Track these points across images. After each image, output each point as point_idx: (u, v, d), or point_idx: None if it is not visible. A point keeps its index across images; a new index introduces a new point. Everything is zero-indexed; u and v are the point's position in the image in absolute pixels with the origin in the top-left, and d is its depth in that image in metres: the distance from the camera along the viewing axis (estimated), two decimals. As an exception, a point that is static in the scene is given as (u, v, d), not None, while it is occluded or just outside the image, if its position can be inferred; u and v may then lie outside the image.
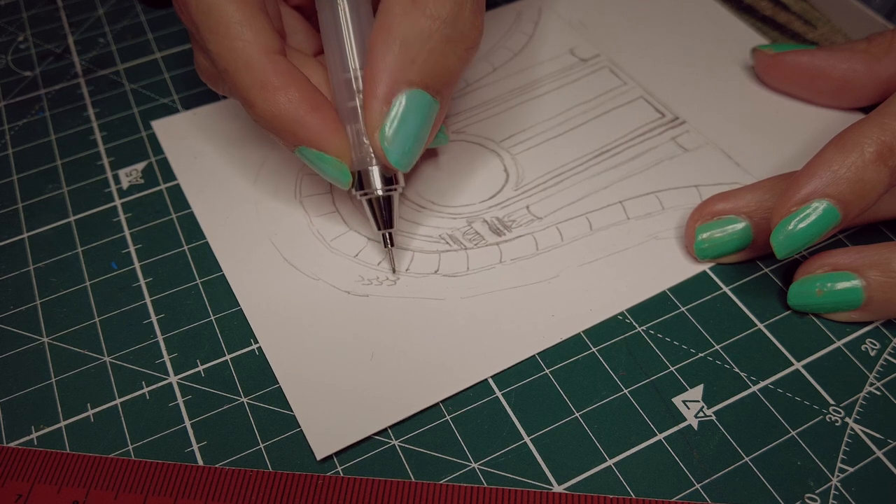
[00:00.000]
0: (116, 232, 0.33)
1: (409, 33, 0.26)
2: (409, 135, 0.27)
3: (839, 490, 0.25)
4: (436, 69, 0.27)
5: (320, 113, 0.27)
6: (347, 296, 0.30)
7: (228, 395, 0.28)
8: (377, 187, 0.28)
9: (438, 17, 0.26)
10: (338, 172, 0.28)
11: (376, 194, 0.29)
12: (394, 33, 0.26)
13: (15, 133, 0.38)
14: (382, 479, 0.25)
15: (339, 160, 0.28)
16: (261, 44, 0.27)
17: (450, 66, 0.27)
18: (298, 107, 0.27)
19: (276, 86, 0.27)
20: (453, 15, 0.26)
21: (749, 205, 0.30)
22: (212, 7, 0.27)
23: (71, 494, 0.25)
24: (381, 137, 0.27)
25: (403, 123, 0.27)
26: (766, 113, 0.36)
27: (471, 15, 0.27)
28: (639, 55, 0.39)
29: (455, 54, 0.27)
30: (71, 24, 0.43)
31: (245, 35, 0.27)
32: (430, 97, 0.27)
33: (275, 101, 0.27)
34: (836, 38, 0.40)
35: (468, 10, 0.27)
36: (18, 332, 0.30)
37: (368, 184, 0.28)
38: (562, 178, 0.34)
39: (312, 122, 0.27)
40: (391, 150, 0.27)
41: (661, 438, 0.26)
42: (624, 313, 0.29)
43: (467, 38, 0.27)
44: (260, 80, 0.27)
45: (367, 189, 0.29)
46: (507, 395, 0.27)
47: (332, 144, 0.28)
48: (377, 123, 0.27)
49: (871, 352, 0.28)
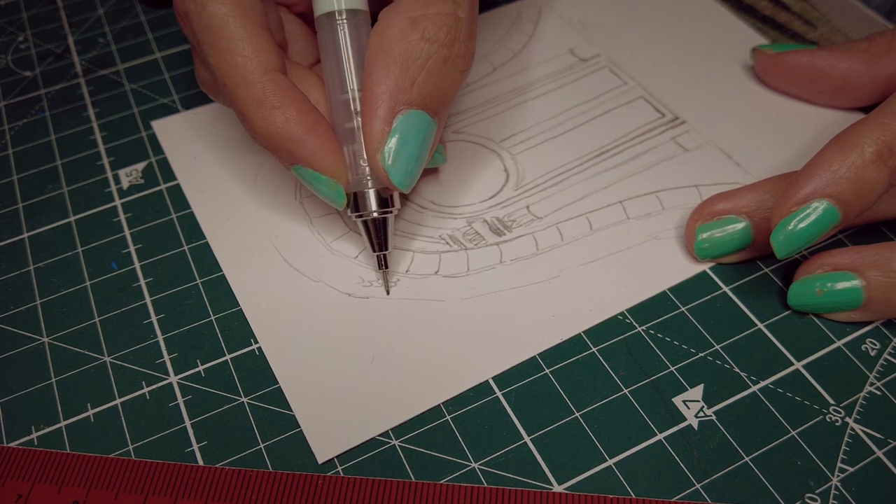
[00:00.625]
0: (116, 232, 0.33)
1: (409, 55, 0.26)
2: (410, 155, 0.27)
3: (839, 490, 0.25)
4: (434, 90, 0.27)
5: (317, 133, 0.27)
6: (348, 297, 0.30)
7: (228, 395, 0.28)
8: (373, 209, 0.28)
9: (436, 39, 0.27)
10: (333, 193, 0.28)
11: (372, 216, 0.29)
12: (393, 55, 0.26)
13: (15, 133, 0.38)
14: (382, 479, 0.25)
15: (335, 181, 0.28)
16: (261, 61, 0.27)
17: (447, 87, 0.27)
18: (295, 126, 0.27)
19: (274, 104, 0.27)
20: (450, 38, 0.27)
21: (749, 205, 0.30)
22: (214, 22, 0.27)
23: (71, 494, 0.25)
24: (382, 158, 0.27)
25: (404, 143, 0.27)
26: (766, 113, 0.36)
27: (465, 38, 0.27)
28: (639, 55, 0.39)
29: (451, 76, 0.27)
30: (71, 24, 0.43)
31: (245, 51, 0.27)
32: (430, 117, 0.27)
33: (272, 119, 0.27)
34: (836, 38, 0.40)
35: (463, 33, 0.27)
36: (18, 332, 0.30)
37: (364, 206, 0.28)
38: (562, 178, 0.34)
39: (309, 141, 0.27)
40: (393, 170, 0.27)
41: (661, 438, 0.26)
42: (624, 313, 0.29)
43: (462, 60, 0.28)
44: (258, 98, 0.27)
45: (363, 211, 0.29)
46: (507, 395, 0.27)
47: (328, 165, 0.28)
48: (378, 144, 0.27)
49: (871, 352, 0.28)
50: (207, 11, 0.27)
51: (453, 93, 0.28)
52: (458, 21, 0.27)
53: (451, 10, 0.27)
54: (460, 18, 0.27)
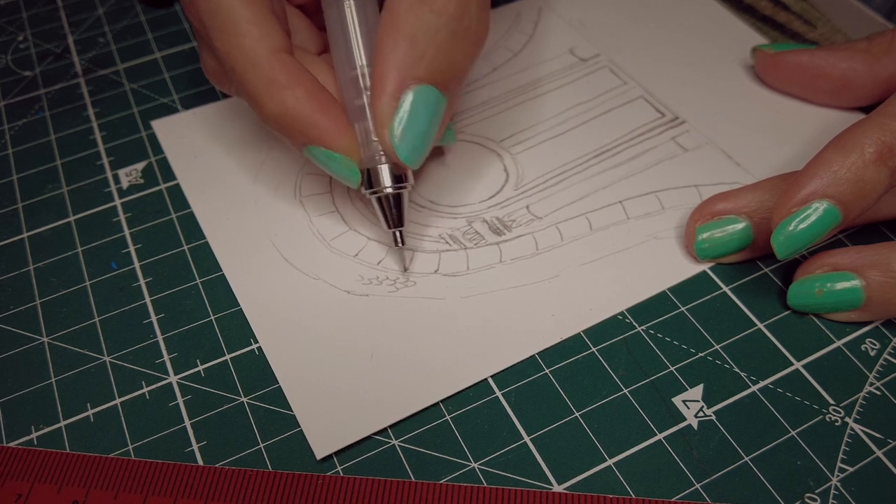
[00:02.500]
0: (116, 232, 0.33)
1: (417, 29, 0.26)
2: (418, 131, 0.27)
3: (839, 490, 0.25)
4: (444, 65, 0.27)
5: (328, 111, 0.27)
6: (347, 295, 0.30)
7: (228, 395, 0.28)
8: (386, 185, 0.28)
9: (445, 12, 0.26)
10: (347, 171, 0.28)
11: (385, 192, 0.28)
12: (401, 29, 0.26)
13: (15, 133, 0.38)
14: (382, 479, 0.25)
15: (348, 158, 0.28)
16: (268, 43, 0.27)
17: (457, 61, 0.27)
18: (307, 105, 0.27)
19: (284, 84, 0.27)
20: (460, 10, 0.26)
21: (749, 205, 0.30)
22: (220, 6, 0.27)
23: (71, 494, 0.25)
24: (390, 134, 0.27)
25: (412, 119, 0.27)
26: (766, 113, 0.36)
27: (477, 10, 0.27)
28: (639, 55, 0.39)
29: (462, 50, 0.27)
30: (71, 23, 0.43)
31: (253, 33, 0.27)
32: (439, 93, 0.27)
33: (282, 99, 0.27)
34: (836, 38, 0.40)
35: (475, 5, 0.27)
36: (18, 331, 0.30)
37: (378, 182, 0.28)
38: (562, 178, 0.34)
39: (321, 120, 0.27)
40: (401, 146, 0.27)
41: (661, 438, 0.26)
42: (624, 313, 0.29)
43: (474, 33, 0.27)
44: (267, 79, 0.27)
45: (377, 187, 0.28)
46: (507, 395, 0.27)
47: (341, 143, 0.27)
48: (386, 120, 0.27)
49: (870, 352, 0.28)
50: None
51: (465, 67, 0.28)
52: None
53: None
54: None
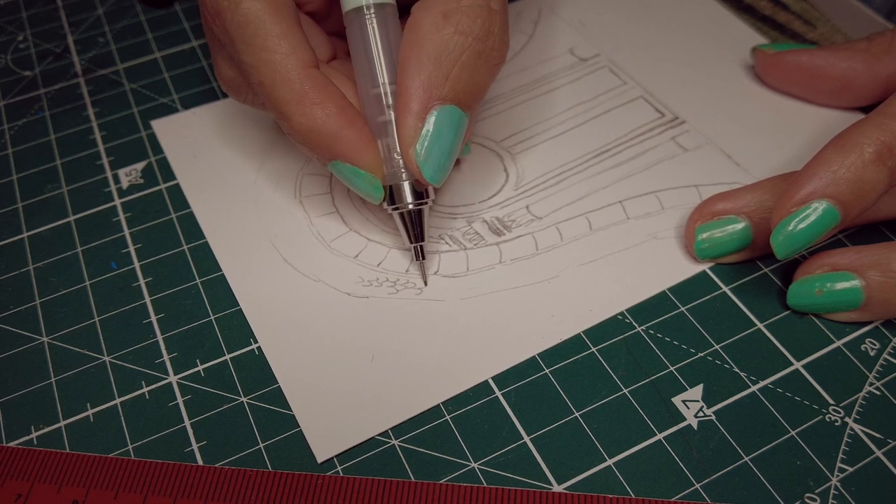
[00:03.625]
0: (116, 232, 0.33)
1: (442, 49, 0.26)
2: (442, 150, 0.27)
3: (839, 490, 0.25)
4: (468, 85, 0.27)
5: (355, 128, 0.27)
6: (347, 297, 0.30)
7: (228, 395, 0.28)
8: (409, 201, 0.29)
9: (470, 32, 0.26)
10: (370, 187, 0.28)
11: (408, 208, 0.29)
12: (426, 49, 0.26)
13: (15, 133, 0.38)
14: (382, 479, 0.25)
15: (373, 174, 0.28)
16: (298, 58, 0.27)
17: (480, 81, 0.27)
18: (335, 121, 0.27)
19: (314, 100, 0.27)
20: (485, 31, 0.27)
21: (749, 205, 0.30)
22: (248, 19, 0.27)
23: (71, 494, 0.25)
24: (415, 153, 0.27)
25: (437, 139, 0.27)
26: (766, 113, 0.36)
27: (500, 31, 0.27)
28: (639, 55, 0.39)
29: (485, 69, 0.27)
30: (71, 23, 0.43)
31: (282, 48, 0.27)
32: (462, 112, 0.27)
33: (312, 115, 0.27)
34: (836, 38, 0.40)
35: (498, 25, 0.27)
36: (18, 331, 0.30)
37: (400, 198, 0.29)
38: (562, 178, 0.34)
39: (348, 136, 0.27)
40: (426, 165, 0.27)
41: (661, 438, 0.26)
42: (624, 313, 0.29)
43: (496, 53, 0.27)
44: (298, 95, 0.27)
45: (399, 203, 0.29)
46: (506, 395, 0.27)
47: (366, 159, 0.28)
48: (412, 140, 0.27)
49: (870, 352, 0.28)
50: (241, 9, 0.27)
51: (486, 86, 0.28)
52: (492, 13, 0.27)
53: (484, 2, 0.27)
54: (493, 10, 0.27)
